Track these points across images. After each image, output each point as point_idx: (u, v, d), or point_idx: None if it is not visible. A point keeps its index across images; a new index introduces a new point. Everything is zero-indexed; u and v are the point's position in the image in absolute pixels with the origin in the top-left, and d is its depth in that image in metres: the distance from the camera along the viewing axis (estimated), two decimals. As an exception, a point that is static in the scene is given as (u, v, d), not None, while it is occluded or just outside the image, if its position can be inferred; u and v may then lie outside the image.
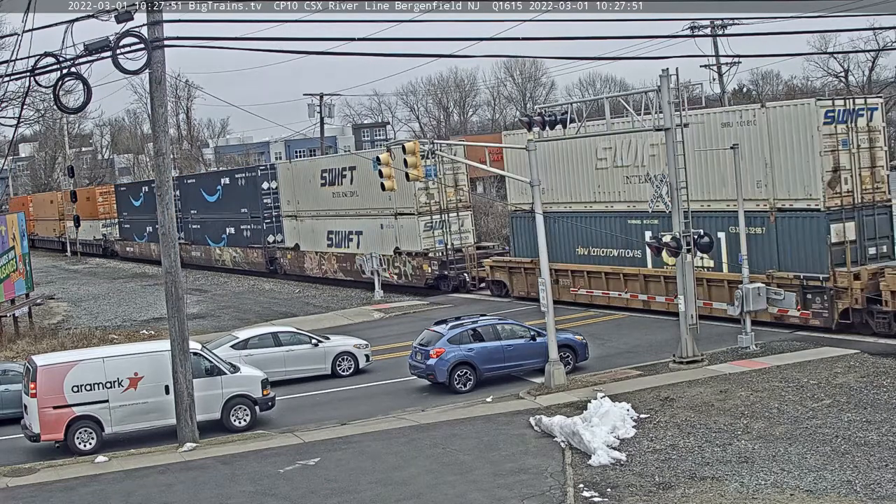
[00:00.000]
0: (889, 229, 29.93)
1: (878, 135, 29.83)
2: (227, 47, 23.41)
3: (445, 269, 43.92)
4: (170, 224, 23.26)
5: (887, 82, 78.83)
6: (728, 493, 16.92)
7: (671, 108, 26.48)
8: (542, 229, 27.08)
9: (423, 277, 44.54)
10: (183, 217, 64.20)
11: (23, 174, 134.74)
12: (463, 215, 44.78)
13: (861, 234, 29.33)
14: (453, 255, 44.10)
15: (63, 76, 21.80)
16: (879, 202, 29.73)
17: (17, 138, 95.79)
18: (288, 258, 55.64)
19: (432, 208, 44.24)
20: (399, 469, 19.94)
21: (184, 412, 23.24)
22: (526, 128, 29.51)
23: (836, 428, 19.92)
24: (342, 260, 50.58)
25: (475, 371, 27.09)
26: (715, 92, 60.11)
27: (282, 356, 29.90)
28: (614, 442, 20.01)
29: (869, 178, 29.51)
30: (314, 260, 53.33)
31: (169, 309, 23.60)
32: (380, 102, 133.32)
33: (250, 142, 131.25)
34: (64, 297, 57.39)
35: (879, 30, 61.88)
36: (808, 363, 25.49)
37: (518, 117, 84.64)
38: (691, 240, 26.68)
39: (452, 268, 43.91)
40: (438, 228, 44.12)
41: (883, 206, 29.87)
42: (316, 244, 53.08)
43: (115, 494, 19.95)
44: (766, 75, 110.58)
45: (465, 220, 44.86)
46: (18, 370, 27.38)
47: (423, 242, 44.32)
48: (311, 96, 72.19)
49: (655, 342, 30.40)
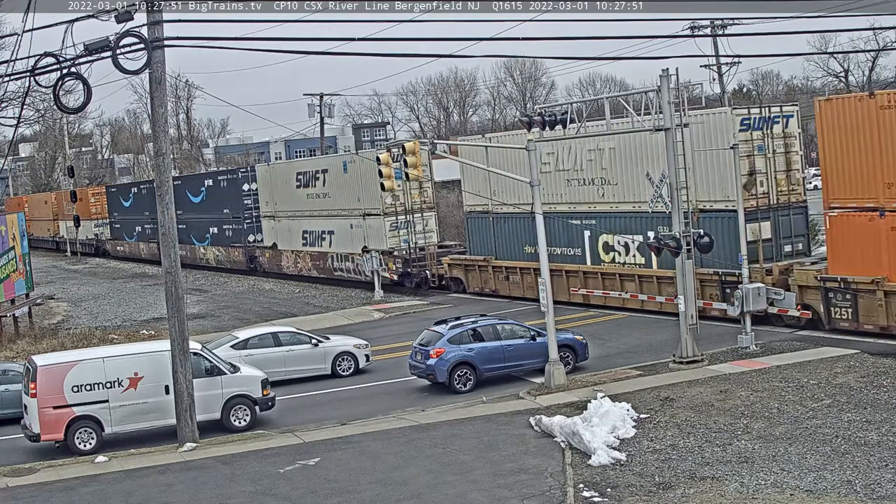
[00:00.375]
0: (804, 228, 31.93)
1: (793, 140, 31.87)
2: (227, 47, 23.45)
3: (409, 266, 45.63)
4: (170, 224, 23.23)
5: (887, 82, 78.86)
6: (728, 493, 16.93)
7: (671, 108, 26.48)
8: (541, 229, 27.10)
9: (389, 275, 46.20)
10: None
11: (23, 174, 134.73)
12: (427, 216, 46.67)
13: (777, 233, 31.54)
14: (416, 253, 45.91)
15: (63, 76, 21.81)
16: (795, 203, 31.88)
17: (17, 138, 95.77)
18: (266, 257, 57.61)
19: (398, 209, 46.08)
20: (399, 469, 19.95)
21: (184, 412, 23.24)
22: (526, 128, 29.53)
23: (836, 428, 19.92)
24: (316, 258, 52.49)
25: (475, 371, 27.09)
26: (715, 92, 60.12)
27: (282, 356, 29.90)
28: (614, 442, 20.01)
29: (784, 181, 31.56)
30: (290, 258, 55.16)
31: (169, 309, 23.60)
32: (380, 102, 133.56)
33: (250, 142, 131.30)
34: (64, 297, 57.41)
35: (879, 30, 61.99)
36: (808, 363, 25.49)
37: (518, 117, 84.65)
38: (691, 239, 26.70)
39: (415, 265, 45.70)
40: (403, 228, 46.09)
41: (798, 206, 31.94)
42: (292, 243, 55.04)
43: (115, 494, 19.95)
44: (766, 75, 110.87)
45: (429, 221, 46.72)
46: (18, 370, 27.38)
47: (389, 242, 46.23)
48: (311, 96, 72.18)
49: (655, 342, 30.41)
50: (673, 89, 26.52)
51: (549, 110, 29.36)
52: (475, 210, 43.05)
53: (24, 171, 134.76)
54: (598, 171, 36.04)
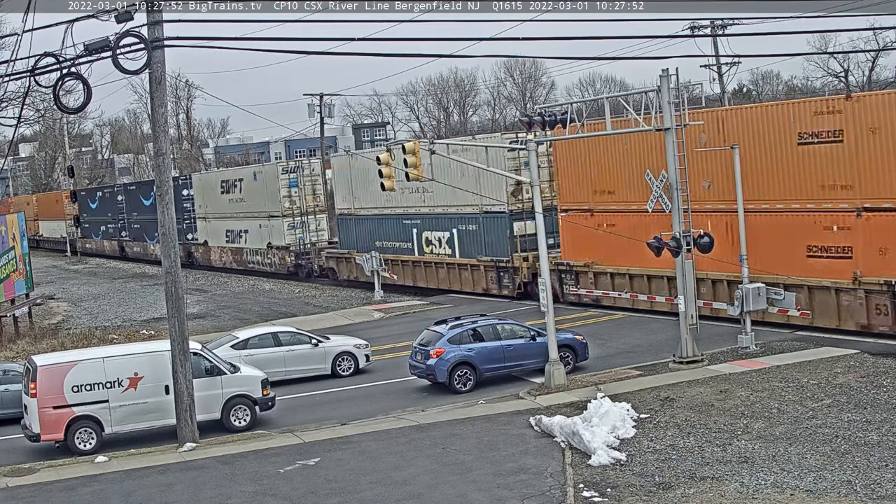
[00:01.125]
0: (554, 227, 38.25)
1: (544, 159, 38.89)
2: (227, 47, 23.45)
3: (300, 259, 55.26)
4: (170, 224, 23.21)
5: (887, 82, 78.88)
6: (728, 493, 16.92)
7: (671, 109, 26.47)
8: (541, 229, 27.07)
9: (286, 266, 56.05)
10: (127, 218, 78.45)
11: (23, 174, 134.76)
12: (319, 217, 55.92)
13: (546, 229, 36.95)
14: (306, 248, 55.28)
15: (63, 76, 21.79)
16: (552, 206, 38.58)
17: (17, 138, 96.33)
18: (199, 252, 67.20)
19: (294, 212, 55.44)
20: (399, 469, 19.95)
21: (184, 412, 23.23)
22: (526, 128, 29.54)
23: (836, 428, 19.92)
24: (234, 253, 62.27)
25: (475, 371, 27.09)
26: (715, 92, 60.13)
27: (282, 356, 29.91)
28: (614, 442, 20.01)
29: (548, 189, 39.17)
30: (217, 253, 64.79)
31: (169, 309, 23.60)
32: (380, 102, 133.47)
33: (250, 142, 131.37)
34: (64, 297, 57.45)
35: (879, 30, 61.97)
36: (808, 363, 25.48)
37: (518, 117, 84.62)
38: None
39: (305, 258, 55.13)
40: (299, 228, 55.41)
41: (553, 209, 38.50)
42: (218, 240, 64.47)
43: (115, 494, 19.95)
44: (766, 75, 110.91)
45: (321, 221, 55.93)
46: (18, 370, 27.38)
47: (287, 239, 55.67)
48: (311, 96, 72.12)
49: (655, 342, 30.41)
50: (673, 89, 26.51)
51: (549, 110, 29.36)
52: (343, 212, 51.79)
53: (24, 171, 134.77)
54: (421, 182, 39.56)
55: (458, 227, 43.05)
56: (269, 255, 57.62)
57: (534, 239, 35.07)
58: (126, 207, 78.08)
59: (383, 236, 48.26)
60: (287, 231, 55.36)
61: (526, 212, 38.19)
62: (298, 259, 55.08)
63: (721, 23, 55.09)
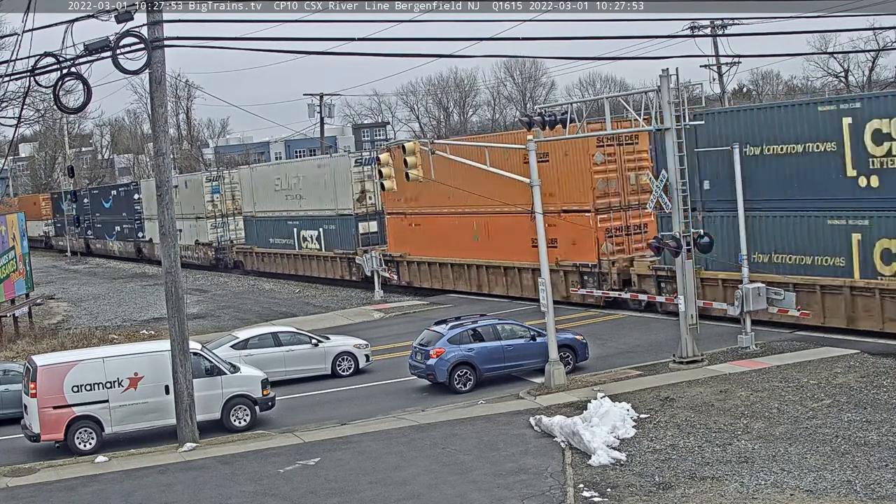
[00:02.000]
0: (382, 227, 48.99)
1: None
2: (227, 47, 23.45)
3: (219, 254, 64.87)
4: (170, 224, 23.21)
5: (887, 82, 78.85)
6: (728, 493, 16.92)
7: (671, 109, 26.48)
8: (541, 228, 27.06)
9: (209, 259, 65.79)
10: (91, 218, 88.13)
11: (23, 174, 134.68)
12: (237, 218, 64.14)
13: (380, 228, 49.78)
14: (223, 244, 64.74)
15: (63, 76, 21.78)
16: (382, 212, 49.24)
17: (17, 138, 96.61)
18: (146, 248, 75.09)
19: (216, 214, 65.25)
20: (399, 469, 19.94)
21: (184, 412, 23.23)
22: (526, 128, 29.55)
23: (836, 428, 19.92)
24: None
25: (475, 371, 27.09)
26: (715, 92, 60.12)
27: (282, 356, 29.91)
28: (614, 442, 20.00)
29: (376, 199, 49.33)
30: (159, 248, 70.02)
31: (169, 309, 23.59)
32: (380, 102, 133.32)
33: (250, 142, 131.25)
34: (64, 297, 57.46)
35: (879, 30, 61.96)
36: (808, 363, 25.48)
37: (518, 117, 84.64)
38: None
39: (222, 253, 64.74)
40: (220, 227, 65.26)
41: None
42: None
43: (115, 494, 19.95)
44: (766, 75, 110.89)
45: (239, 222, 64.00)
46: (18, 370, 27.37)
47: (210, 237, 65.49)
48: (311, 96, 72.25)
49: (655, 342, 30.41)
50: (673, 89, 26.51)
51: (548, 110, 29.36)
52: (248, 215, 61.54)
53: (24, 171, 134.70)
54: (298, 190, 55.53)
55: (324, 227, 52.88)
56: (196, 250, 66.89)
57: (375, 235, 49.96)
58: (91, 208, 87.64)
59: (275, 234, 58.11)
60: (210, 230, 65.56)
61: (368, 214, 50.10)
62: (218, 253, 65.05)
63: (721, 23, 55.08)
